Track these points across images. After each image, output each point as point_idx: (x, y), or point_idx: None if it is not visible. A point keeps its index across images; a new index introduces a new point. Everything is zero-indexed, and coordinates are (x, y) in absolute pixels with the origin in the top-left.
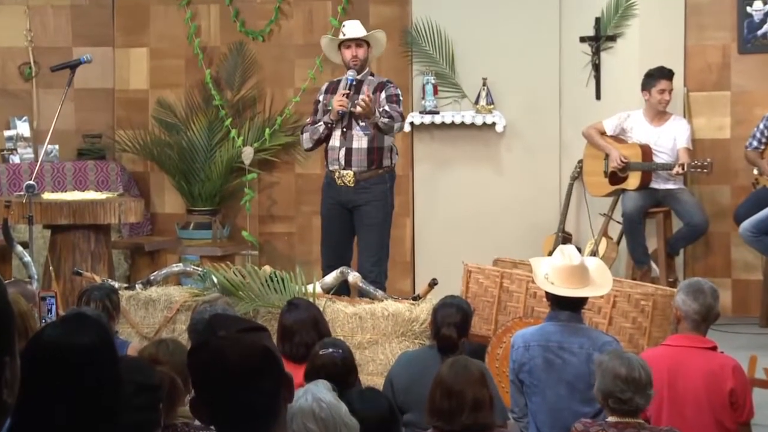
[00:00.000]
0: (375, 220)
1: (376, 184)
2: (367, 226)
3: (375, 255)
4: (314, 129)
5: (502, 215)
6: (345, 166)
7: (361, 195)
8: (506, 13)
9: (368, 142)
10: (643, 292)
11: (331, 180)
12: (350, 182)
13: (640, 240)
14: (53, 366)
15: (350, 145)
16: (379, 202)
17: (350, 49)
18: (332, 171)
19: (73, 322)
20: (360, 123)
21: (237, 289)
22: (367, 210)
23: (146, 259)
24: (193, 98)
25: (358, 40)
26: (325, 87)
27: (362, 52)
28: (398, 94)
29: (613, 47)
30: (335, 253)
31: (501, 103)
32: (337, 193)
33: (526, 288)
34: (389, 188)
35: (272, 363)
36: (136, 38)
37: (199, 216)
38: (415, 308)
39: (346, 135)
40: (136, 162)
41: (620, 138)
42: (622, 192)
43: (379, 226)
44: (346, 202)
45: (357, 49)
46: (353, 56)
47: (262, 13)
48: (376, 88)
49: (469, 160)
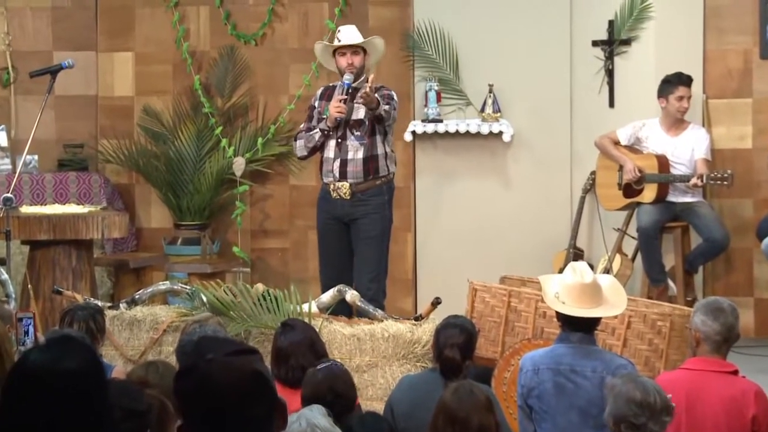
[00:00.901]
0: (372, 234)
1: (373, 197)
2: (365, 240)
3: (373, 271)
4: (309, 136)
5: (510, 230)
6: (340, 178)
7: (358, 208)
8: (514, 16)
9: (364, 152)
10: (660, 312)
11: (326, 193)
12: (346, 195)
13: (657, 256)
14: (39, 392)
15: (345, 156)
16: (376, 214)
17: (345, 57)
18: (327, 183)
19: (59, 345)
20: (355, 132)
21: (228, 309)
22: (364, 223)
23: (131, 276)
24: (181, 106)
25: (354, 47)
26: (320, 92)
27: (358, 59)
28: (392, 95)
29: (628, 52)
30: (334, 271)
31: (508, 111)
32: (332, 206)
33: (535, 307)
34: (387, 201)
35: (264, 387)
36: (121, 42)
37: (187, 231)
38: (417, 329)
39: (341, 146)
40: (121, 173)
41: (635, 148)
42: (638, 205)
43: (377, 240)
44: (342, 216)
45: (353, 56)
46: (348, 64)
47: (254, 15)
48: None
49: (474, 171)
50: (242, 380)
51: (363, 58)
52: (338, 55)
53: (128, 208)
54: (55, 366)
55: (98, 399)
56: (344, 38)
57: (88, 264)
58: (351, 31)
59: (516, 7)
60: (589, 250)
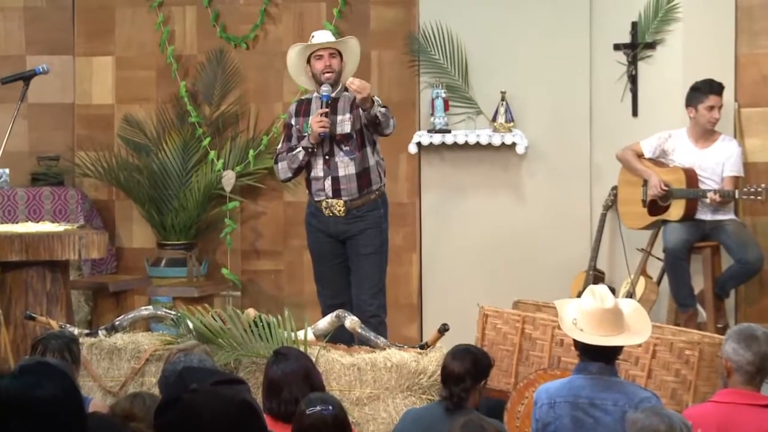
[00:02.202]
0: (371, 249)
1: (369, 211)
2: (363, 255)
3: (374, 286)
4: (292, 157)
5: (524, 250)
6: (333, 196)
7: (355, 224)
8: (528, 16)
9: (356, 167)
10: (688, 340)
11: (317, 210)
12: (341, 212)
13: (685, 279)
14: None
15: (336, 174)
16: (373, 229)
17: (322, 60)
18: (318, 201)
19: (33, 372)
20: (343, 147)
21: (216, 336)
22: (361, 239)
23: (110, 301)
24: (166, 115)
25: (330, 48)
26: (294, 108)
27: (336, 62)
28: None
29: (653, 56)
30: (333, 292)
31: (522, 121)
32: (325, 224)
33: (551, 335)
34: (383, 214)
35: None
36: (100, 45)
37: (172, 251)
38: (422, 358)
39: (329, 163)
40: (100, 188)
41: (661, 161)
42: (663, 224)
43: (377, 255)
44: (337, 234)
45: (330, 58)
46: (326, 66)
47: (245, 16)
48: (352, 105)
49: (485, 186)
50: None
51: (340, 62)
52: (314, 59)
53: (108, 226)
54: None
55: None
56: (319, 39)
57: (63, 287)
58: (325, 34)
59: (531, 7)
60: (610, 273)
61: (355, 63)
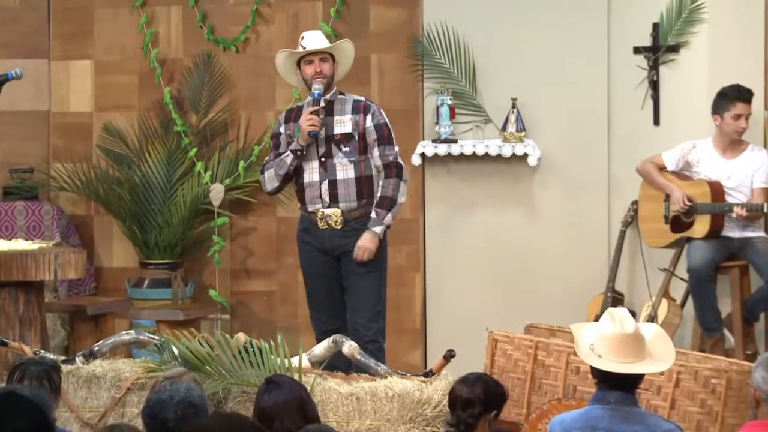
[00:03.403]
0: (369, 267)
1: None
2: (360, 274)
3: (372, 308)
4: (280, 162)
5: (537, 270)
6: (330, 204)
7: (351, 238)
8: (541, 17)
9: (355, 171)
10: (715, 368)
11: (310, 224)
12: (337, 223)
13: (711, 302)
14: None
15: (334, 177)
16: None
17: (312, 65)
18: (312, 212)
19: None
20: (343, 148)
21: (203, 363)
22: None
23: (89, 325)
24: (149, 123)
25: (321, 53)
26: (284, 116)
27: (327, 67)
28: (388, 123)
29: (675, 60)
30: (329, 317)
31: (534, 130)
32: (319, 239)
33: (566, 362)
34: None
35: None
36: (78, 48)
37: (155, 271)
38: (426, 387)
39: (326, 165)
40: (77, 203)
41: (684, 174)
42: (687, 241)
43: (376, 273)
44: (332, 249)
45: (321, 63)
46: (317, 72)
47: (235, 16)
48: (354, 108)
49: (494, 200)
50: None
51: (332, 66)
52: (304, 64)
53: (86, 244)
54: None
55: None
56: (309, 44)
57: (38, 310)
58: (316, 36)
59: (544, 7)
60: (630, 294)
61: (348, 64)
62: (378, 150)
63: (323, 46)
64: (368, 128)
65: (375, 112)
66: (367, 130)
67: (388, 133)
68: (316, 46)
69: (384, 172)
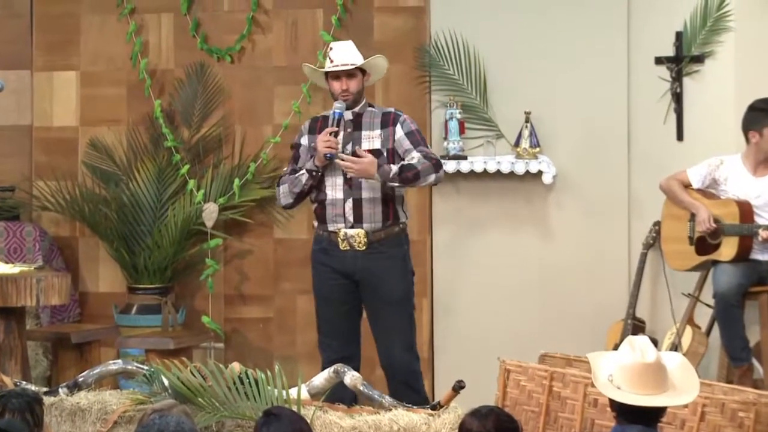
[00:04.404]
0: (399, 295)
1: (393, 246)
2: (389, 303)
3: (406, 339)
4: (295, 180)
5: (552, 296)
6: (354, 224)
7: (376, 261)
8: (556, 26)
9: (383, 189)
10: (742, 400)
11: (330, 245)
12: (360, 245)
13: (738, 329)
14: None
15: (359, 195)
16: (399, 270)
17: (339, 81)
18: (333, 232)
19: None
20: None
21: (195, 395)
22: (385, 281)
23: (73, 354)
24: (138, 138)
25: (348, 70)
26: (308, 125)
27: (355, 84)
28: (419, 130)
29: (700, 71)
30: (341, 344)
31: (549, 146)
32: (339, 261)
33: (583, 393)
34: (407, 251)
35: None
36: (62, 58)
37: (144, 296)
38: (434, 420)
39: (351, 183)
40: (61, 224)
41: (711, 192)
42: (714, 265)
43: (405, 302)
44: (353, 272)
45: (348, 80)
46: (343, 90)
47: (230, 24)
48: (383, 122)
49: (506, 221)
50: None
51: (361, 80)
52: (331, 78)
53: (70, 267)
54: None
55: None
56: (337, 58)
57: (18, 338)
58: (346, 49)
59: (559, 15)
60: (652, 321)
61: (380, 75)
62: (416, 150)
63: (351, 63)
64: (400, 138)
65: (405, 120)
66: (399, 141)
67: (422, 137)
68: (344, 62)
69: (423, 155)
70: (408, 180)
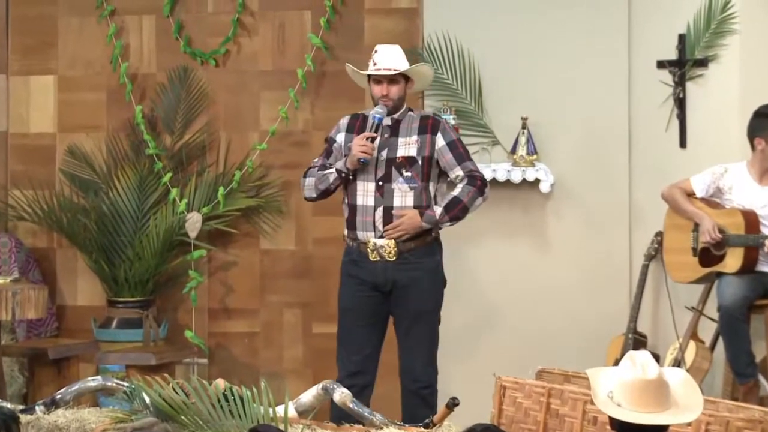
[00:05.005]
0: (428, 307)
1: (425, 257)
2: (416, 314)
3: (428, 353)
4: (322, 176)
5: (549, 309)
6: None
7: (407, 272)
8: (555, 28)
9: (415, 199)
10: (748, 418)
11: (359, 256)
12: (391, 255)
13: (744, 344)
14: None
15: (390, 203)
16: (430, 281)
17: (381, 86)
18: (363, 242)
19: None
20: (404, 173)
21: (178, 412)
22: (414, 292)
23: (50, 370)
24: (119, 145)
25: (390, 75)
26: (346, 123)
27: (396, 90)
28: (460, 138)
29: (704, 75)
30: (361, 356)
31: (547, 153)
32: (370, 272)
33: (582, 411)
34: (440, 261)
35: None
36: (40, 62)
37: (125, 310)
38: None
39: (383, 189)
40: (38, 234)
41: (715, 201)
42: (718, 277)
43: (432, 314)
44: (383, 283)
45: (390, 86)
46: (383, 96)
47: (215, 26)
48: (420, 127)
49: (502, 231)
50: None
51: (403, 87)
52: (372, 82)
53: (47, 279)
54: None
55: None
56: (381, 62)
57: None
58: (391, 53)
59: (558, 17)
60: (653, 336)
61: (426, 84)
62: (460, 167)
63: (393, 69)
64: (441, 149)
65: (446, 129)
66: (440, 151)
67: (464, 148)
68: (387, 67)
69: (467, 179)
70: (458, 217)
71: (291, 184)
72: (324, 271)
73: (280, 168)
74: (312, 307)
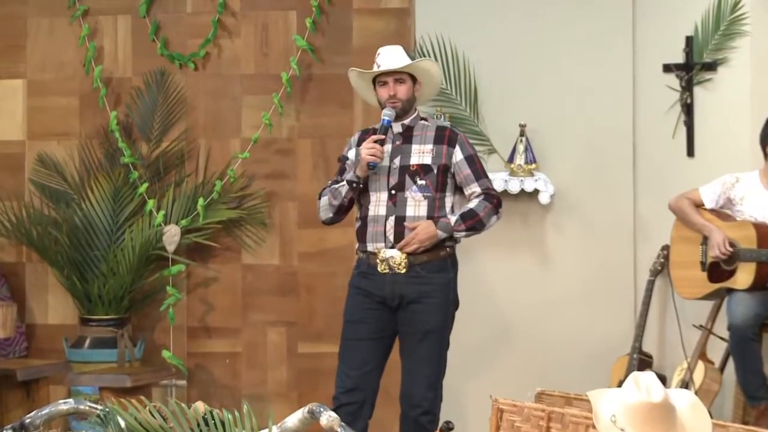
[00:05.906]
0: (434, 325)
1: (437, 272)
2: (422, 332)
3: (432, 374)
4: (335, 191)
5: (549, 327)
6: (395, 243)
7: (417, 286)
8: (555, 30)
9: (428, 209)
10: None
11: (369, 268)
12: (401, 267)
13: (755, 364)
14: None
15: (403, 213)
16: (440, 298)
17: (387, 87)
18: (372, 253)
19: None
20: (418, 181)
21: None
22: (424, 310)
23: (18, 392)
24: (92, 154)
25: (396, 73)
26: (357, 138)
27: (403, 90)
28: (477, 153)
29: (713, 80)
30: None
31: (547, 162)
32: (377, 285)
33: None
34: (453, 279)
35: None
36: (7, 65)
37: (98, 328)
38: None
39: (395, 198)
40: (6, 248)
41: (725, 213)
42: (728, 293)
43: (440, 334)
44: (391, 297)
45: (396, 85)
46: (390, 96)
47: (193, 28)
48: (437, 137)
49: (500, 244)
50: None
51: (411, 87)
52: (378, 85)
53: (16, 296)
54: None
55: None
56: (384, 62)
57: None
58: (393, 52)
59: (558, 19)
60: (660, 356)
61: (434, 86)
62: (477, 183)
63: (397, 66)
64: (459, 162)
65: (463, 143)
66: (457, 165)
67: (482, 165)
68: (390, 66)
69: (484, 195)
70: (475, 228)
71: (275, 194)
72: (310, 287)
73: (264, 178)
74: (297, 326)
